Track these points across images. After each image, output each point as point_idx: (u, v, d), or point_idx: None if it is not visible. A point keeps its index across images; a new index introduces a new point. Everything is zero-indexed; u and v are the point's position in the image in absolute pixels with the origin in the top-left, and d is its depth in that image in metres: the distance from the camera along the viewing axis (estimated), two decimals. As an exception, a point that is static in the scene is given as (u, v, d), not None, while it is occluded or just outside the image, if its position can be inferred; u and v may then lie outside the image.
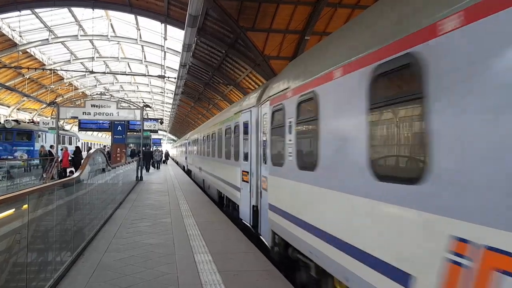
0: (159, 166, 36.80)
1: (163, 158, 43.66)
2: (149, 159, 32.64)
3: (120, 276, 5.58)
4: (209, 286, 5.19)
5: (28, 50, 30.87)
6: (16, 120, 28.68)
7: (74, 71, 37.68)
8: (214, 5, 16.84)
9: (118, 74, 40.30)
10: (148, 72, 39.39)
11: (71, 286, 5.22)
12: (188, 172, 29.77)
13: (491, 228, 2.18)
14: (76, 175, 7.12)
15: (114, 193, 12.13)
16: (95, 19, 28.61)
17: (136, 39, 31.83)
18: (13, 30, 27.47)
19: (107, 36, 31.61)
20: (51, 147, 24.96)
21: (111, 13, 28.50)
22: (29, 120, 31.74)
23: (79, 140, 40.37)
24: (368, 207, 3.46)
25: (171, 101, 47.84)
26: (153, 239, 7.88)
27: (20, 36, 28.62)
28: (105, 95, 28.60)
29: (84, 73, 40.20)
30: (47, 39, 30.04)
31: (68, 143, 34.50)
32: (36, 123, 30.09)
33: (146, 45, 32.53)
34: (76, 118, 23.14)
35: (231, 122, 10.88)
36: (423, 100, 2.76)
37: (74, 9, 26.76)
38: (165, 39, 29.06)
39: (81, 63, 38.24)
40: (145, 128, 24.34)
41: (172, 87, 38.79)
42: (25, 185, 18.87)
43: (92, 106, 21.68)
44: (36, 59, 33.01)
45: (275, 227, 6.50)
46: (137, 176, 21.52)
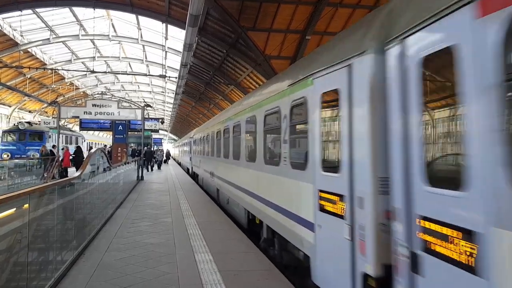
0: (160, 166, 35.73)
1: (164, 158, 43.48)
2: (150, 158, 32.66)
3: (120, 276, 5.59)
4: (209, 286, 5.19)
5: (29, 50, 30.92)
6: (28, 122, 30.22)
7: (75, 70, 37.72)
8: (215, 4, 16.84)
9: (119, 73, 40.36)
10: (149, 72, 39.40)
11: (71, 286, 5.23)
12: (193, 176, 25.04)
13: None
14: (76, 174, 7.13)
15: (115, 192, 12.14)
16: (96, 19, 28.63)
17: (137, 39, 31.86)
18: (14, 30, 27.52)
19: (108, 35, 31.64)
20: (53, 146, 24.97)
21: (112, 12, 28.52)
22: (38, 121, 33.28)
23: (84, 140, 41.91)
24: None
25: (172, 100, 47.88)
26: (153, 238, 7.89)
27: (21, 35, 28.66)
28: (106, 94, 28.54)
29: (85, 72, 40.24)
30: (48, 38, 30.09)
31: (75, 142, 36.04)
32: (46, 124, 31.37)
33: (147, 44, 32.56)
34: (77, 117, 23.17)
35: (282, 101, 6.34)
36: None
37: (75, 8, 26.79)
38: (166, 38, 29.08)
39: (82, 62, 38.28)
40: (146, 127, 24.37)
41: (173, 87, 38.81)
42: (26, 184, 18.90)
43: (93, 105, 21.70)
44: (37, 58, 33.07)
45: None
46: (138, 176, 21.53)
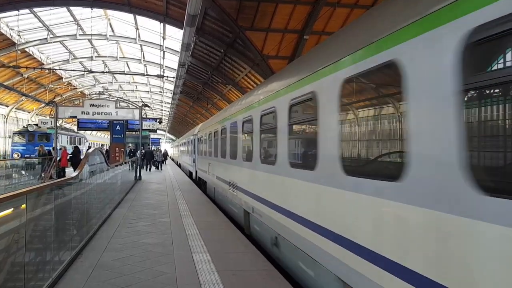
0: (161, 166, 34.51)
1: (162, 158, 43.30)
2: (150, 158, 32.61)
3: (118, 276, 5.58)
4: (207, 286, 5.19)
5: (26, 50, 30.82)
6: (36, 124, 32.55)
7: (73, 70, 37.64)
8: (213, 4, 16.83)
9: (117, 73, 40.30)
10: (147, 72, 39.38)
11: (69, 286, 5.21)
12: (199, 182, 19.83)
13: None
14: (74, 174, 7.12)
15: (112, 192, 12.13)
16: (94, 19, 28.60)
17: (135, 39, 31.83)
18: (11, 29, 27.44)
19: (106, 35, 31.60)
20: (52, 147, 24.97)
21: (110, 12, 28.50)
22: (46, 124, 34.90)
23: (87, 141, 44.41)
24: None
25: (170, 100, 47.83)
26: (151, 238, 7.88)
27: (19, 35, 28.59)
28: (103, 94, 28.49)
29: (83, 72, 40.13)
30: (46, 38, 30.02)
31: (78, 143, 39.30)
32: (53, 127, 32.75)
33: (145, 44, 32.54)
34: (74, 117, 23.11)
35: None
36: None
37: (72, 8, 26.74)
38: (164, 38, 29.05)
39: (80, 62, 38.21)
40: (144, 127, 24.31)
41: (171, 87, 38.78)
42: (23, 184, 18.85)
43: (91, 105, 21.64)
44: (34, 58, 32.97)
45: None
46: (135, 176, 21.50)
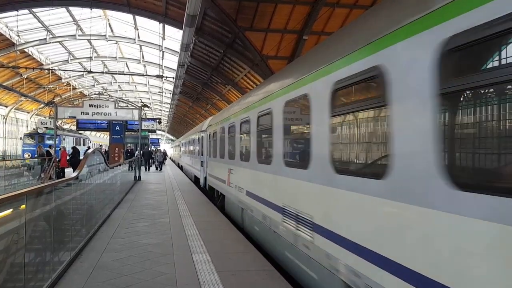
0: (161, 167, 33.81)
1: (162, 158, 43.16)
2: (148, 159, 32.58)
3: (118, 276, 5.58)
4: (207, 286, 5.19)
5: (26, 50, 30.81)
6: (45, 127, 34.51)
7: (72, 71, 37.64)
8: (212, 5, 16.84)
9: (116, 74, 40.26)
10: (146, 72, 39.37)
11: (69, 286, 5.21)
12: (209, 192, 15.32)
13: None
14: (74, 175, 7.12)
15: (112, 193, 12.12)
16: (93, 19, 28.57)
17: (134, 39, 31.82)
18: (10, 30, 27.42)
19: (105, 35, 31.59)
20: (49, 146, 24.93)
21: (109, 12, 28.49)
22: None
23: (90, 142, 46.49)
24: None
25: (169, 101, 47.82)
26: (151, 239, 7.88)
27: (18, 35, 28.57)
28: (103, 95, 28.48)
29: (82, 73, 40.14)
30: (45, 38, 30.00)
31: (83, 144, 41.86)
32: (60, 128, 36.33)
33: (144, 44, 32.53)
34: (74, 118, 23.08)
35: None
36: None
37: (72, 8, 26.73)
38: (163, 39, 29.05)
39: (79, 62, 38.19)
40: (143, 128, 24.32)
41: (170, 87, 38.78)
42: (23, 185, 18.83)
43: (90, 106, 21.62)
44: (34, 58, 32.95)
45: None
46: (135, 176, 21.48)
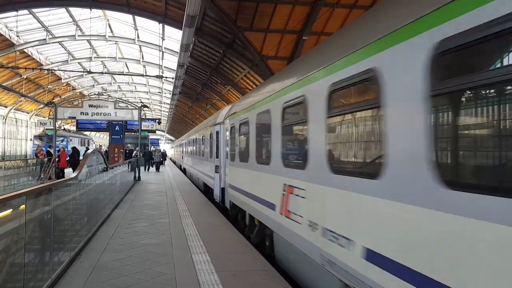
0: (158, 168, 33.52)
1: (161, 159, 43.07)
2: (148, 159, 32.59)
3: (118, 277, 5.57)
4: (207, 286, 5.19)
5: (25, 50, 30.79)
6: (48, 128, 36.26)
7: (72, 71, 37.62)
8: (212, 5, 16.83)
9: (116, 74, 40.25)
10: (146, 72, 39.35)
11: (68, 287, 5.21)
12: (232, 210, 10.72)
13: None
14: (73, 175, 7.11)
15: (112, 193, 12.12)
16: (92, 19, 28.55)
17: (134, 39, 31.80)
18: (10, 30, 27.40)
19: (104, 36, 31.57)
20: (49, 147, 24.97)
21: (109, 13, 28.48)
22: (63, 128, 40.15)
23: (94, 142, 48.66)
24: None
25: (169, 101, 47.80)
26: (151, 239, 7.88)
27: (18, 36, 28.54)
28: (102, 95, 28.50)
29: (81, 73, 40.14)
30: (45, 39, 29.98)
31: (87, 144, 43.81)
32: (67, 130, 40.11)
33: (144, 45, 32.52)
34: (73, 118, 23.11)
35: None
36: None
37: (71, 9, 26.72)
38: (163, 39, 29.05)
39: (78, 63, 38.17)
40: (143, 128, 24.31)
41: (170, 87, 38.76)
42: (23, 185, 18.83)
43: (90, 106, 21.63)
44: (33, 59, 32.93)
45: None
46: (134, 176, 21.47)
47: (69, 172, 19.78)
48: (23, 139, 46.79)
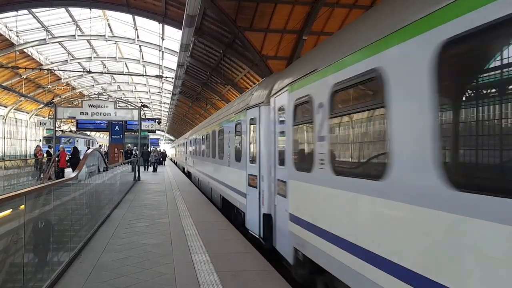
0: (156, 168, 32.73)
1: (160, 159, 42.97)
2: (146, 158, 32.58)
3: (117, 277, 5.57)
4: (207, 286, 5.18)
5: (25, 50, 30.76)
6: (62, 130, 40.11)
7: (72, 71, 37.58)
8: (211, 5, 16.82)
9: (116, 74, 40.25)
10: (145, 72, 39.34)
11: (68, 287, 5.21)
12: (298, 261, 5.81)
13: None
14: (73, 175, 7.11)
15: (111, 193, 12.11)
16: (92, 19, 28.53)
17: (133, 39, 31.78)
18: (10, 30, 27.38)
19: (104, 36, 31.55)
20: (49, 147, 24.97)
21: (109, 13, 28.45)
22: (71, 130, 42.44)
23: (97, 143, 49.84)
24: None
25: (168, 101, 47.80)
26: (150, 239, 7.87)
27: (17, 36, 28.53)
28: (102, 95, 28.49)
29: (81, 73, 40.12)
30: (44, 39, 29.96)
31: (91, 144, 44.97)
32: (74, 132, 41.04)
33: (144, 45, 32.49)
34: (73, 118, 23.12)
35: None
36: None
37: (71, 9, 26.70)
38: (162, 39, 29.04)
39: (78, 63, 38.15)
40: (142, 128, 24.29)
41: (170, 87, 38.74)
42: (22, 185, 18.82)
43: (90, 106, 21.62)
44: (33, 59, 32.91)
45: None
46: (134, 176, 21.47)
47: (69, 172, 19.77)
48: (23, 139, 46.79)
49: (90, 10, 24.09)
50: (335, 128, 4.48)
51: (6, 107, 41.42)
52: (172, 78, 30.54)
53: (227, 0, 16.60)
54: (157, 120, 28.83)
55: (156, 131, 44.78)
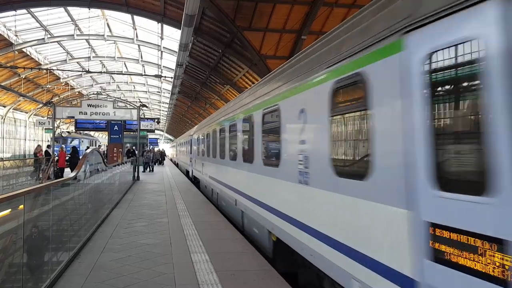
0: (152, 168, 32.18)
1: (159, 159, 42.93)
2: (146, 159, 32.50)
3: (116, 277, 5.57)
4: (206, 286, 5.18)
5: (24, 50, 30.72)
6: (68, 132, 42.58)
7: (70, 70, 37.53)
8: (210, 4, 16.82)
9: (115, 73, 40.24)
10: (144, 72, 39.32)
11: (67, 287, 5.20)
12: None
13: None
14: (72, 175, 7.10)
15: (110, 193, 12.10)
16: (91, 19, 28.53)
17: (132, 39, 31.76)
18: (8, 30, 27.34)
19: (103, 35, 31.52)
20: (48, 146, 24.95)
21: (108, 12, 28.43)
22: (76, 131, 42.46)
23: (100, 143, 50.23)
24: None
25: (167, 100, 47.78)
26: (150, 239, 7.87)
27: (16, 35, 28.48)
28: (101, 94, 28.50)
29: (80, 72, 40.08)
30: (43, 38, 29.92)
31: (94, 145, 45.72)
32: (79, 133, 41.74)
33: (143, 44, 32.47)
34: (72, 117, 23.04)
35: None
36: None
37: (70, 8, 26.67)
38: (161, 38, 29.04)
39: (77, 62, 38.11)
40: (141, 127, 24.25)
41: (169, 87, 38.75)
42: (21, 185, 18.81)
43: (89, 105, 21.57)
44: (32, 58, 32.86)
45: None
46: (133, 176, 21.46)
47: (68, 172, 19.75)
48: (22, 139, 46.72)
49: (89, 9, 24.07)
50: None
51: (4, 106, 41.35)
52: (171, 77, 30.52)
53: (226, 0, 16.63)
54: (156, 120, 28.79)
55: (155, 131, 44.76)
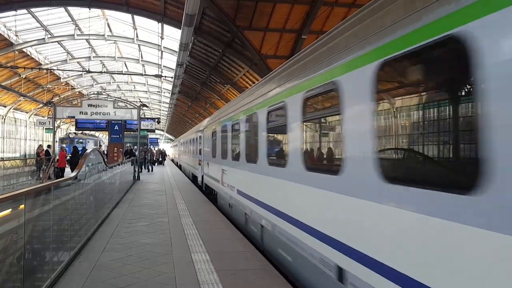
0: (151, 168, 31.77)
1: (159, 159, 42.87)
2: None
3: (117, 276, 5.57)
4: (206, 286, 5.19)
5: (24, 50, 30.74)
6: (75, 132, 43.48)
7: (71, 70, 37.56)
8: (210, 4, 16.82)
9: (115, 73, 40.25)
10: (145, 72, 39.34)
11: (68, 286, 5.21)
12: None
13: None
14: (72, 175, 7.10)
15: (111, 192, 12.11)
16: (91, 19, 28.54)
17: (132, 39, 31.78)
18: (9, 30, 27.36)
19: (103, 35, 31.53)
20: (48, 146, 24.97)
21: (108, 12, 28.44)
22: (82, 132, 44.40)
23: (103, 143, 50.82)
24: None
25: (168, 100, 47.79)
26: (150, 238, 7.87)
27: (16, 35, 28.51)
28: (102, 94, 28.50)
29: (80, 72, 40.10)
30: (44, 38, 29.94)
31: (99, 145, 46.56)
32: (84, 133, 44.45)
33: (143, 44, 32.49)
34: (73, 117, 23.07)
35: None
36: None
37: (70, 8, 26.68)
38: (161, 38, 29.04)
39: (77, 62, 38.13)
40: (142, 127, 24.26)
41: (169, 87, 38.76)
42: (22, 185, 18.82)
43: (89, 105, 21.60)
44: (32, 58, 32.89)
45: None
46: (134, 176, 21.47)
47: (69, 172, 19.76)
48: (22, 139, 46.75)
49: (89, 9, 24.08)
50: None
51: (5, 106, 41.39)
52: (172, 77, 30.53)
53: (226, -1, 16.63)
54: (156, 120, 28.79)
55: (156, 131, 44.74)
